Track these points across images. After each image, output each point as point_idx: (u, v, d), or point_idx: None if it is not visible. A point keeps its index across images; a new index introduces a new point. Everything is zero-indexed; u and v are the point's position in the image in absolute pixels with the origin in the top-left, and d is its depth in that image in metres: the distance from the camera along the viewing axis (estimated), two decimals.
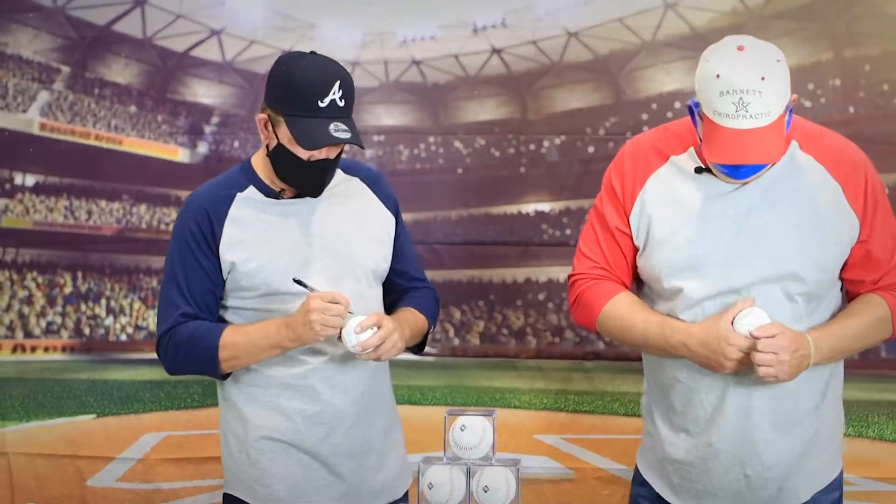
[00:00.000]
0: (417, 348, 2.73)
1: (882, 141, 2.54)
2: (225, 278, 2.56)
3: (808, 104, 3.68)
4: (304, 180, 2.55)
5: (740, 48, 2.31)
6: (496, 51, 4.01)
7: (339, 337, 2.45)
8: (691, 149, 2.48)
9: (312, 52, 2.54)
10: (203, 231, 2.54)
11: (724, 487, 2.47)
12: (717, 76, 2.28)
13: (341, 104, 2.47)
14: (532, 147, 4.02)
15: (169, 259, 2.59)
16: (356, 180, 2.69)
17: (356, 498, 2.61)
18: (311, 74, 2.47)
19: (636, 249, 2.53)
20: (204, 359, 2.54)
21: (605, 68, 3.96)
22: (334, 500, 2.59)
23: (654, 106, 3.93)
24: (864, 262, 2.42)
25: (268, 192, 2.58)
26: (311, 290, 2.45)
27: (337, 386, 2.56)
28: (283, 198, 2.58)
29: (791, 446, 2.44)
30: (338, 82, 2.47)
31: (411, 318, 2.64)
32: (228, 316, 2.60)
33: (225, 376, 2.59)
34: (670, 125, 2.56)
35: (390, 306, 2.73)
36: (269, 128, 2.52)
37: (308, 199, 2.60)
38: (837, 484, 2.54)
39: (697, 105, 2.35)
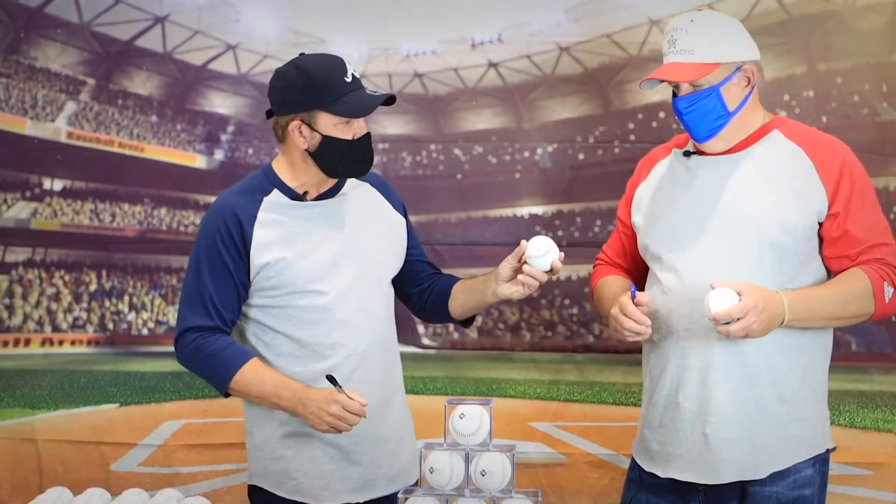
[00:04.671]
0: (471, 321, 2.77)
1: (853, 149, 2.54)
2: (252, 279, 2.53)
3: (783, 114, 3.68)
4: (356, 159, 2.54)
5: (701, 9, 2.52)
6: (493, 64, 4.01)
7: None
8: (692, 140, 2.56)
9: (302, 53, 2.53)
10: (233, 233, 2.50)
11: (689, 448, 2.47)
12: (668, 23, 2.49)
13: (358, 75, 2.51)
14: (526, 154, 4.02)
15: (195, 258, 2.55)
16: (367, 185, 2.70)
17: (374, 484, 2.59)
18: (323, 63, 2.47)
19: (634, 236, 2.61)
20: (215, 378, 2.53)
21: (594, 81, 3.96)
22: (356, 488, 2.58)
23: (640, 116, 3.93)
24: (842, 240, 2.41)
25: (291, 195, 2.57)
26: (339, 389, 2.43)
27: (357, 380, 2.54)
28: (306, 200, 2.58)
29: (747, 410, 2.43)
30: (345, 59, 2.50)
31: None
32: (253, 314, 2.57)
33: (226, 395, 2.58)
34: None
35: (419, 294, 2.75)
36: (306, 130, 2.50)
37: (329, 202, 2.59)
38: (806, 478, 2.51)
39: None
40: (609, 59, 3.92)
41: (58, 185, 4.17)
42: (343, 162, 2.53)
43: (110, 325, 4.13)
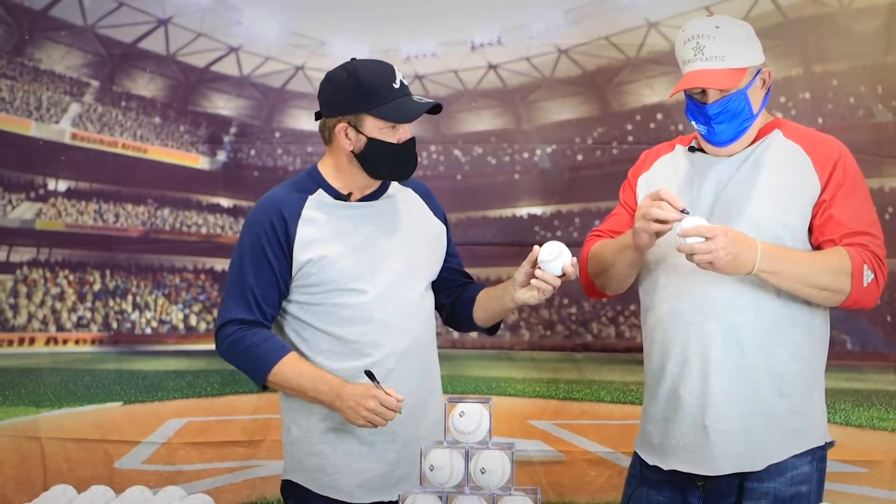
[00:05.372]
0: (495, 328, 2.78)
1: (848, 149, 2.55)
2: (294, 276, 2.55)
3: (780, 115, 3.68)
4: (400, 163, 2.56)
5: (710, 15, 2.50)
6: (492, 66, 4.01)
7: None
8: (696, 139, 2.57)
9: (353, 58, 2.57)
10: (277, 231, 2.52)
11: (689, 441, 2.48)
12: (683, 30, 2.48)
13: (406, 83, 2.53)
14: (525, 155, 4.02)
15: (239, 253, 2.57)
16: (410, 191, 2.72)
17: (407, 483, 2.59)
18: (373, 69, 2.51)
19: (633, 217, 2.62)
20: (254, 370, 2.54)
21: (592, 83, 3.96)
22: (389, 485, 2.57)
23: (637, 117, 3.93)
24: (826, 224, 2.42)
25: (336, 196, 2.59)
26: (378, 385, 2.45)
27: (395, 379, 2.55)
28: (349, 200, 2.59)
29: (746, 403, 2.43)
30: (395, 67, 2.53)
31: None
32: (293, 310, 2.59)
33: (263, 388, 2.60)
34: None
35: (451, 304, 2.77)
36: (352, 133, 2.52)
37: (373, 203, 2.61)
38: (804, 475, 2.51)
39: None
40: (607, 61, 3.92)
41: (62, 185, 4.18)
42: (387, 165, 2.56)
43: (114, 325, 4.13)
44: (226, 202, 4.14)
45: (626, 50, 3.89)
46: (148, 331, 4.13)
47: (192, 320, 4.14)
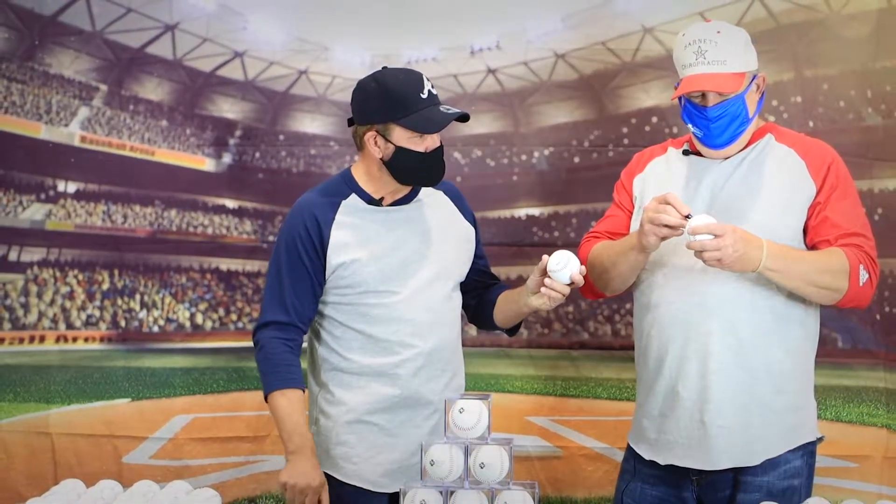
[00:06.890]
0: (515, 329, 2.80)
1: (839, 152, 2.56)
2: (327, 278, 2.57)
3: (772, 118, 3.69)
4: (428, 171, 2.58)
5: (708, 20, 2.47)
6: (491, 71, 4.01)
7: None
8: (687, 142, 2.58)
9: (385, 67, 2.58)
10: (312, 235, 2.55)
11: (687, 436, 2.48)
12: (683, 34, 2.48)
13: (435, 92, 2.53)
14: (523, 157, 4.02)
15: (276, 257, 2.61)
16: (440, 193, 2.74)
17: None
18: (402, 78, 2.51)
19: (629, 219, 2.64)
20: (262, 381, 2.60)
21: (589, 87, 3.96)
22: (412, 478, 2.60)
23: (633, 121, 3.93)
24: (822, 225, 2.44)
25: (368, 200, 2.60)
26: None
27: (423, 377, 2.59)
28: (382, 205, 2.60)
29: (744, 399, 2.44)
30: (424, 76, 2.53)
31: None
32: (328, 311, 2.62)
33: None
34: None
35: (476, 304, 2.79)
36: (380, 141, 2.53)
37: (404, 207, 2.64)
38: (795, 469, 2.51)
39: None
40: (604, 65, 3.92)
41: (71, 187, 4.18)
42: (415, 173, 2.58)
43: (122, 323, 4.13)
44: (231, 203, 4.14)
45: (622, 55, 3.89)
46: (155, 329, 4.13)
47: (199, 318, 4.14)
